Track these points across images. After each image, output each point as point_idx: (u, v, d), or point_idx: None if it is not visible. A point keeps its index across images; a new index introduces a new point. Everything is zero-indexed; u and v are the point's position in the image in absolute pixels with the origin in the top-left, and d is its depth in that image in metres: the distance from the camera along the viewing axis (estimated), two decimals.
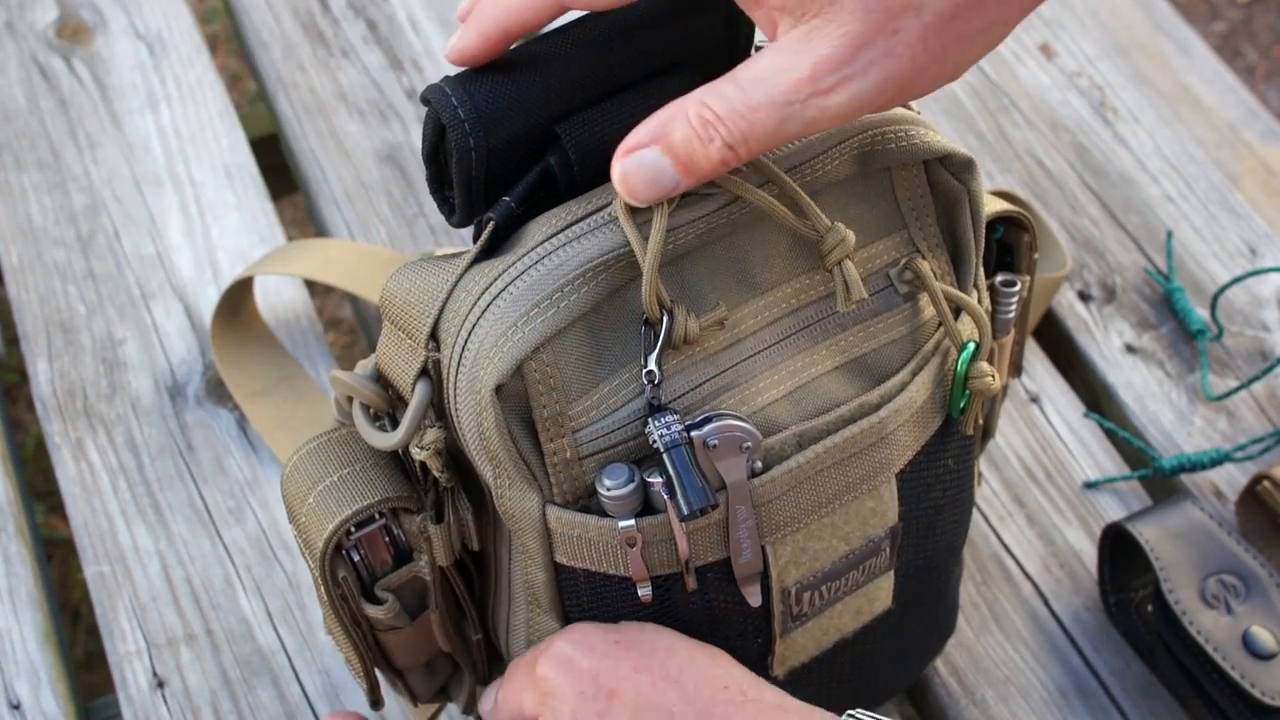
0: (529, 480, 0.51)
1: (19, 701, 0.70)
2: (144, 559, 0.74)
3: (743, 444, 0.51)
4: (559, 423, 0.50)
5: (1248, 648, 0.68)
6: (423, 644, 0.59)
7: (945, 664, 0.72)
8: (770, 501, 0.53)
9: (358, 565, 0.56)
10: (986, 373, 0.56)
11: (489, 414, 0.49)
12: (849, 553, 0.56)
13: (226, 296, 0.80)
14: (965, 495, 0.62)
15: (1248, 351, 0.84)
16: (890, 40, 0.45)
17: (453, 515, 0.54)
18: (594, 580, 0.54)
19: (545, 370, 0.49)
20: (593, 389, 0.50)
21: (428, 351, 0.50)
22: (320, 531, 0.54)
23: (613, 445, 0.51)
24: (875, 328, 0.55)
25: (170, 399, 0.80)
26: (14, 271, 0.85)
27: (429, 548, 0.55)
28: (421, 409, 0.51)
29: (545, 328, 0.48)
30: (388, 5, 0.99)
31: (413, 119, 0.93)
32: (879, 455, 0.55)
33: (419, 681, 0.62)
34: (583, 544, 0.52)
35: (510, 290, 0.49)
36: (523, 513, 0.52)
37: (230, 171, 0.90)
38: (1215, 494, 0.78)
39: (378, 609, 0.56)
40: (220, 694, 0.70)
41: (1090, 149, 0.93)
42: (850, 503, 0.55)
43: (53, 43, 0.96)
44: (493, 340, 0.48)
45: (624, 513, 0.51)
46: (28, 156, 0.90)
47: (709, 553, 0.53)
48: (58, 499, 0.79)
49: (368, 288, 0.81)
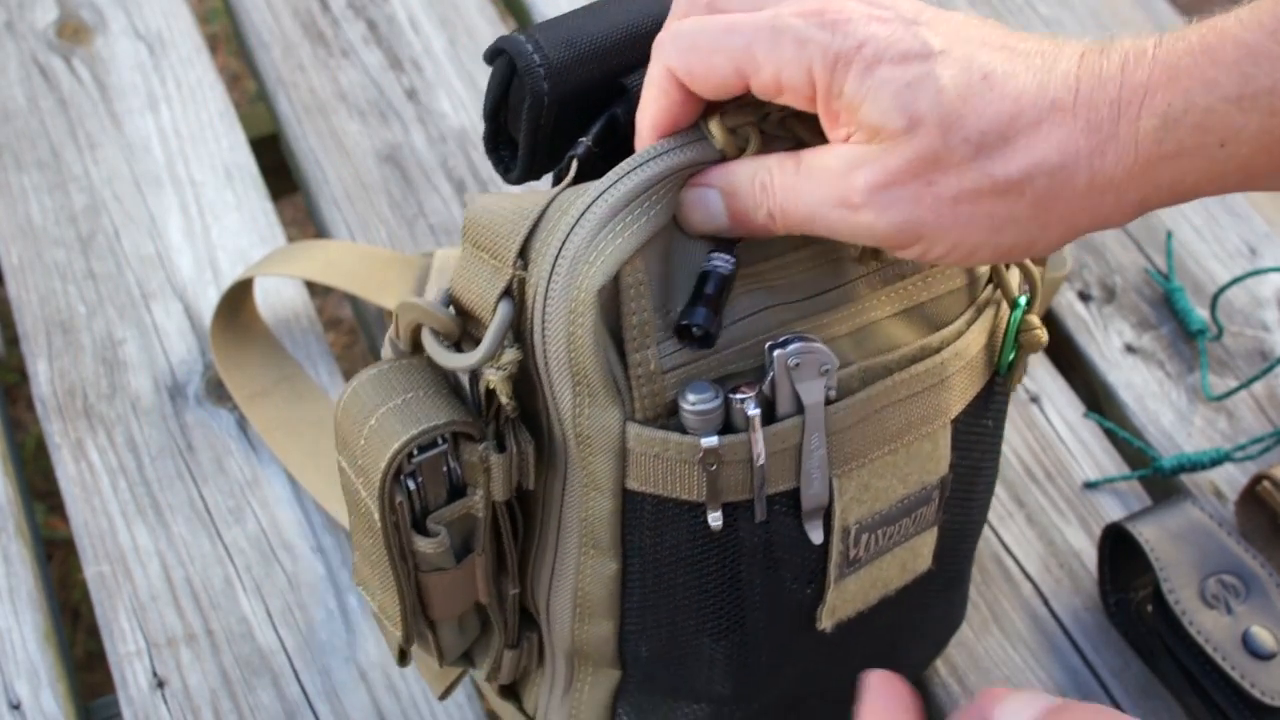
0: (612, 394, 0.51)
1: (19, 701, 0.70)
2: (144, 559, 0.74)
3: (822, 366, 0.52)
4: (645, 331, 0.51)
5: (1247, 648, 0.68)
6: (462, 592, 0.58)
7: (945, 664, 0.72)
8: (841, 431, 0.54)
9: (412, 495, 0.55)
10: (1036, 325, 0.58)
11: (587, 317, 0.50)
12: (905, 496, 0.57)
13: (226, 297, 0.80)
14: (995, 464, 0.63)
15: (1248, 351, 0.84)
16: (923, 189, 0.47)
17: (514, 446, 0.54)
18: (661, 509, 0.54)
19: (637, 276, 0.51)
20: (673, 305, 0.52)
21: (515, 269, 0.51)
22: (382, 452, 0.53)
23: (692, 360, 0.52)
24: (932, 278, 0.56)
25: (170, 399, 0.80)
26: (14, 271, 0.85)
27: (486, 481, 0.55)
28: (503, 328, 0.51)
29: (641, 233, 0.50)
30: (388, 5, 0.99)
31: (412, 119, 0.93)
32: (938, 398, 0.56)
33: (449, 637, 0.60)
34: (659, 464, 0.52)
35: (606, 198, 0.50)
36: (601, 430, 0.52)
37: (230, 171, 0.90)
38: (1215, 494, 0.78)
39: (428, 542, 0.55)
40: (220, 694, 0.70)
41: None
42: (911, 444, 0.56)
43: (53, 43, 0.96)
44: (592, 244, 0.50)
45: (706, 429, 0.52)
46: (28, 156, 0.90)
47: (780, 480, 0.53)
48: (58, 499, 0.79)
49: (368, 288, 0.81)
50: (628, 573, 0.56)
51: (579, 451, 0.53)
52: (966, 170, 0.47)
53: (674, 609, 0.56)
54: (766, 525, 0.54)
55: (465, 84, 0.95)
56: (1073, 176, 0.47)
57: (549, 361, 0.51)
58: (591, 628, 0.58)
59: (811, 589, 0.57)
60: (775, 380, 0.52)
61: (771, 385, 0.52)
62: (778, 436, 0.52)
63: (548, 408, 0.53)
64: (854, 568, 0.58)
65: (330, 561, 0.74)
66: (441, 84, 0.95)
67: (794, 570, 0.56)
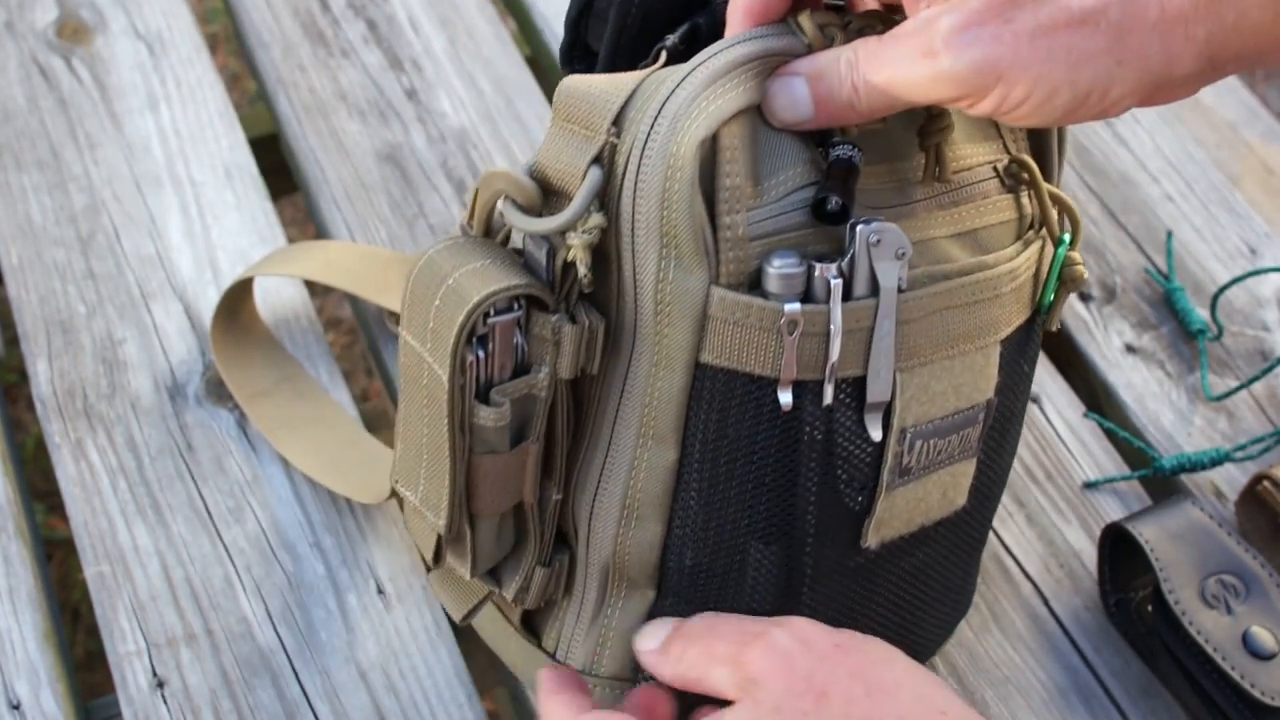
0: (699, 256, 0.52)
1: (19, 701, 0.70)
2: (144, 559, 0.74)
3: (899, 250, 0.54)
4: (737, 196, 0.53)
5: (1247, 648, 0.68)
6: (509, 484, 0.58)
7: (945, 664, 0.72)
8: (909, 322, 0.56)
9: (480, 363, 0.55)
10: (1078, 262, 0.61)
11: (686, 170, 0.51)
12: (957, 410, 0.59)
13: (226, 298, 0.80)
14: (1022, 420, 0.66)
15: (1248, 351, 0.84)
16: (1002, 27, 0.49)
17: (586, 321, 0.54)
18: (731, 387, 0.55)
19: (734, 140, 0.52)
20: (760, 178, 0.53)
21: (608, 136, 0.52)
22: (460, 308, 0.53)
23: (779, 231, 0.53)
24: (985, 207, 0.59)
25: (170, 399, 0.80)
26: (14, 271, 0.85)
27: (554, 356, 0.55)
28: (593, 191, 0.52)
29: (739, 100, 0.52)
30: (388, 5, 0.99)
31: (412, 119, 0.93)
32: (991, 312, 0.58)
33: (486, 540, 0.60)
34: (738, 332, 0.53)
35: (707, 66, 0.52)
36: (684, 294, 0.53)
37: (230, 171, 0.90)
38: (1215, 494, 0.78)
39: (490, 412, 0.55)
40: (220, 694, 0.70)
41: (1090, 149, 0.93)
42: (967, 354, 0.58)
43: (53, 43, 0.96)
44: (694, 102, 0.51)
45: (788, 294, 0.53)
46: (28, 156, 0.90)
47: (848, 365, 0.55)
48: (58, 499, 0.79)
49: (368, 288, 0.81)
50: (684, 464, 0.56)
51: (655, 324, 0.54)
52: (1043, 4, 0.48)
53: (726, 505, 0.57)
54: (830, 414, 0.56)
55: (465, 84, 0.95)
56: (1144, 8, 0.48)
57: (636, 224, 0.52)
58: (638, 532, 0.58)
59: (863, 498, 0.58)
60: (855, 257, 0.54)
61: (851, 263, 0.54)
62: (853, 314, 0.54)
63: (620, 285, 0.54)
64: (904, 479, 0.59)
65: (330, 561, 0.74)
66: (441, 84, 0.95)
67: (849, 471, 0.57)
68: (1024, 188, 0.61)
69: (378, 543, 0.75)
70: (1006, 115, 0.51)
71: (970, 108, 0.52)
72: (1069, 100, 0.50)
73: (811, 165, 0.54)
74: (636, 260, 0.53)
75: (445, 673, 0.71)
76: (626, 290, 0.54)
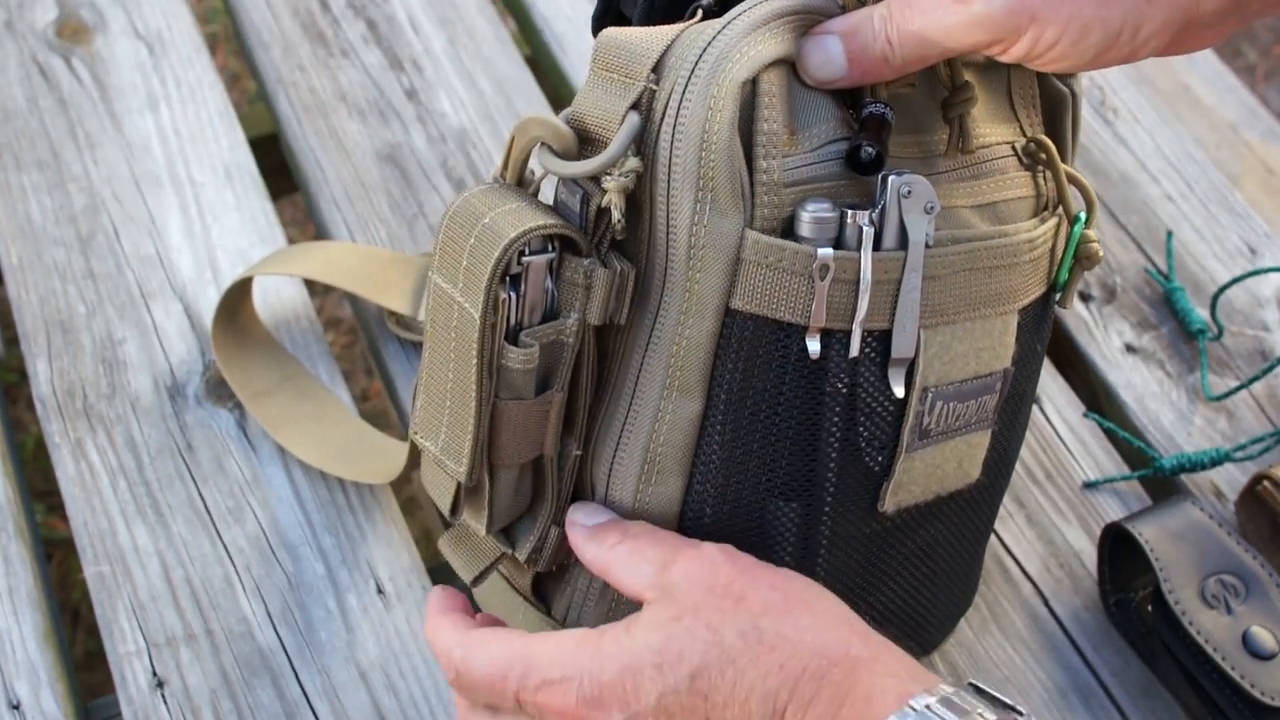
0: (735, 198, 0.53)
1: (19, 701, 0.70)
2: (144, 559, 0.74)
3: (928, 204, 0.55)
4: (774, 142, 0.54)
5: (1247, 648, 0.68)
6: (531, 434, 0.58)
7: (945, 664, 0.72)
8: (935, 278, 0.57)
9: (510, 304, 0.55)
10: (1094, 239, 0.62)
11: (726, 110, 0.52)
12: (976, 375, 0.60)
13: (226, 298, 0.80)
14: (1031, 402, 0.67)
15: (1248, 351, 0.84)
16: None
17: (618, 266, 0.55)
18: (759, 334, 0.55)
19: (772, 88, 0.53)
20: (795, 129, 0.54)
21: (647, 82, 0.53)
22: (495, 244, 0.54)
23: (813, 179, 0.55)
24: (1004, 182, 0.60)
25: (170, 399, 0.80)
26: (14, 271, 0.85)
27: (584, 301, 0.55)
28: (631, 135, 0.53)
29: (779, 47, 0.53)
30: (388, 5, 0.99)
31: (412, 119, 0.93)
32: (1011, 280, 0.60)
33: (504, 493, 0.60)
34: (771, 276, 0.54)
35: (748, 15, 0.53)
36: (719, 237, 0.54)
37: (230, 171, 0.90)
38: (1215, 494, 0.78)
39: (518, 354, 0.55)
40: (220, 694, 0.70)
41: (1090, 149, 0.93)
42: (988, 318, 0.59)
43: (52, 43, 0.96)
44: (736, 46, 0.52)
45: (821, 239, 0.54)
46: (28, 156, 0.90)
47: (875, 317, 0.56)
48: (58, 499, 0.79)
49: (368, 288, 0.81)
50: (708, 416, 0.57)
51: (688, 268, 0.55)
52: None
53: (749, 459, 0.58)
54: (855, 367, 0.56)
55: (465, 84, 0.95)
56: None
57: (674, 168, 0.53)
58: (658, 487, 0.58)
59: (882, 458, 0.59)
60: (886, 208, 0.55)
61: (881, 213, 0.55)
62: (882, 264, 0.55)
63: (652, 234, 0.55)
64: (924, 442, 0.59)
65: (330, 561, 0.74)
66: (441, 84, 0.95)
67: (870, 428, 0.58)
68: (1041, 167, 0.62)
69: (378, 543, 0.75)
70: (1040, 59, 0.52)
71: (1003, 52, 0.52)
72: (1100, 39, 0.50)
73: (844, 123, 0.56)
74: (671, 205, 0.54)
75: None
76: (659, 239, 0.55)
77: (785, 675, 0.51)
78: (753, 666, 0.51)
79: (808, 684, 0.51)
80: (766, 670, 0.51)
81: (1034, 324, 0.63)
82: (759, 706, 0.51)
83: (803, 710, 0.51)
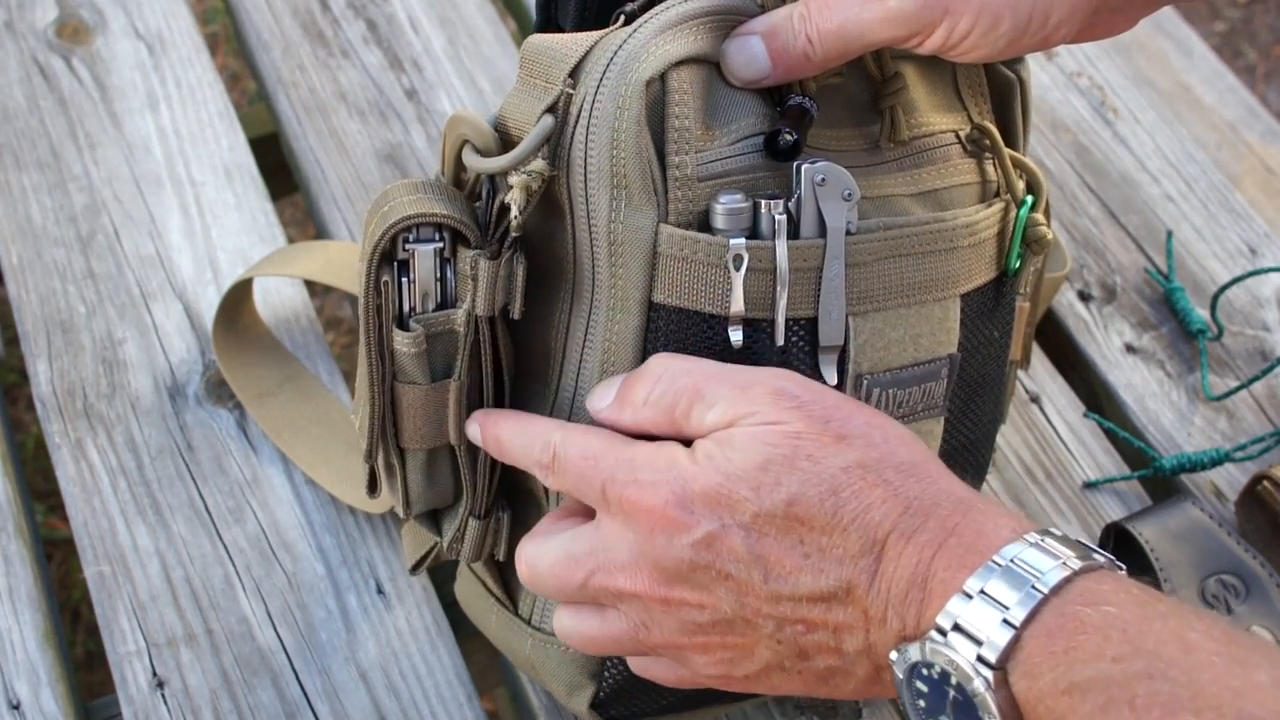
0: (648, 194, 0.54)
1: (19, 701, 0.70)
2: (144, 559, 0.74)
3: (845, 191, 0.56)
4: (686, 138, 0.55)
5: None
6: (432, 419, 0.59)
7: None
8: (861, 265, 0.57)
9: (401, 289, 0.56)
10: (1042, 223, 0.62)
11: (633, 108, 0.53)
12: (917, 362, 0.59)
13: (226, 298, 0.80)
14: (1001, 382, 0.66)
15: (1248, 351, 0.84)
16: None
17: (506, 265, 0.56)
18: (684, 326, 0.56)
19: (683, 84, 0.55)
20: (712, 125, 0.55)
21: (563, 86, 0.54)
22: (381, 227, 0.56)
23: (728, 173, 0.55)
24: (946, 169, 0.61)
25: (170, 399, 0.80)
26: (14, 271, 0.85)
27: (472, 292, 0.57)
28: (540, 137, 0.54)
29: (690, 47, 0.55)
30: (388, 5, 0.99)
31: (412, 119, 0.93)
32: (948, 265, 0.60)
33: (416, 478, 0.61)
34: (687, 269, 0.55)
35: (659, 17, 0.55)
36: (635, 232, 0.55)
37: (230, 171, 0.90)
38: (1215, 494, 0.78)
39: (405, 337, 0.57)
40: (220, 694, 0.70)
41: (1090, 149, 0.93)
42: (925, 304, 0.59)
43: (52, 43, 0.96)
44: (644, 48, 0.54)
45: (735, 230, 0.55)
46: (28, 156, 0.90)
47: (799, 305, 0.56)
48: (58, 499, 0.79)
49: None
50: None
51: (610, 265, 0.56)
52: None
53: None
54: (784, 355, 0.56)
55: (465, 84, 0.95)
56: None
57: (589, 167, 0.54)
58: None
59: None
60: (801, 198, 0.55)
61: (798, 203, 0.55)
62: (799, 252, 0.55)
63: (576, 234, 0.56)
64: None
65: (330, 561, 0.74)
66: (441, 84, 0.95)
67: None
68: (986, 154, 0.62)
69: (378, 543, 0.75)
70: (955, 49, 0.53)
71: (920, 45, 0.53)
72: (1011, 28, 0.52)
73: (767, 118, 0.56)
74: (590, 203, 0.55)
75: (445, 673, 0.71)
76: (582, 238, 0.56)
77: (888, 509, 0.51)
78: (855, 499, 0.51)
79: (913, 518, 0.50)
80: (869, 502, 0.51)
81: (985, 310, 0.63)
82: (859, 535, 0.50)
83: (905, 540, 0.50)
